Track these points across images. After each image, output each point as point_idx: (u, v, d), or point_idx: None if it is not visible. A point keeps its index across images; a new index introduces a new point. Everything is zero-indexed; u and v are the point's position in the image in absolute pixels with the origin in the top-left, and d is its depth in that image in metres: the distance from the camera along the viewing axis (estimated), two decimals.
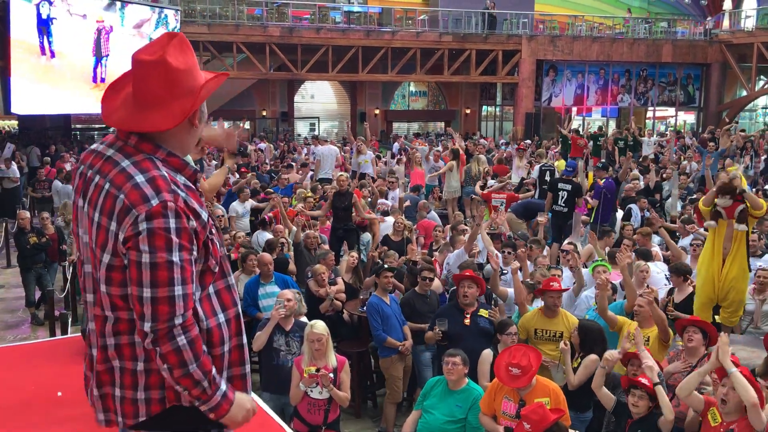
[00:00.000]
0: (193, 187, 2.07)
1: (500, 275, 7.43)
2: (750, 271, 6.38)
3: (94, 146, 2.14)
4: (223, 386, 2.06)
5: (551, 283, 5.90)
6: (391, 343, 6.33)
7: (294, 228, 8.75)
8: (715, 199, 6.02)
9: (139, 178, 1.94)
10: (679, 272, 6.65)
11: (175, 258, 1.91)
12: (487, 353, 5.55)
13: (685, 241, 8.90)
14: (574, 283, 6.91)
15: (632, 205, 11.31)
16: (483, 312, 6.06)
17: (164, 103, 2.00)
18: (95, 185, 2.01)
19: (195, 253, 1.99)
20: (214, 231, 2.11)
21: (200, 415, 2.10)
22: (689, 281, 6.63)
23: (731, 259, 6.06)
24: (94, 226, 1.99)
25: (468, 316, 5.97)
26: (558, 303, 5.86)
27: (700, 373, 4.42)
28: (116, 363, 2.04)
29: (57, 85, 16.94)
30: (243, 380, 2.21)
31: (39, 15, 16.29)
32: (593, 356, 5.16)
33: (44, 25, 16.42)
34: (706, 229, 6.76)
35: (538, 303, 6.23)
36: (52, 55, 16.71)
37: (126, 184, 1.94)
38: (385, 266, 6.76)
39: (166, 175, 1.98)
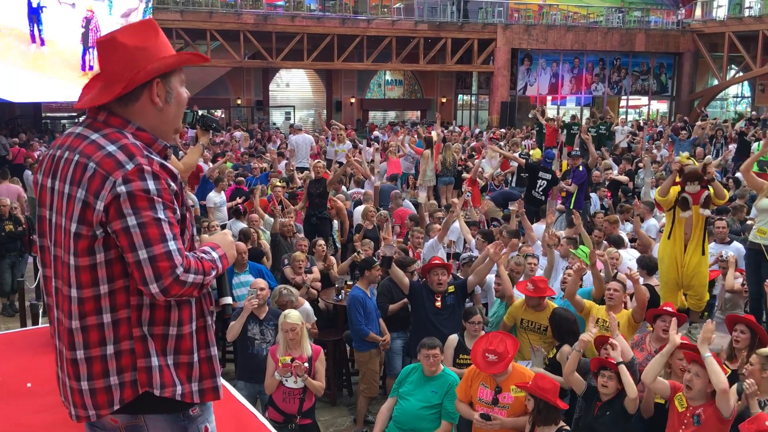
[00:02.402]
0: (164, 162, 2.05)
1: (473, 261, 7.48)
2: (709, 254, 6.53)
3: (65, 131, 2.13)
4: (215, 254, 2.11)
5: (526, 286, 5.82)
6: (373, 338, 6.30)
7: (269, 218, 8.72)
8: (685, 186, 6.12)
9: (111, 147, 1.94)
10: (644, 266, 6.76)
11: (161, 215, 1.92)
12: (453, 338, 5.61)
13: (647, 223, 9.05)
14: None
15: (592, 194, 11.46)
16: (450, 288, 6.13)
17: (119, 78, 2.01)
18: (65, 160, 2.00)
19: (178, 213, 2.00)
20: (186, 206, 2.11)
21: (173, 402, 2.08)
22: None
23: (693, 245, 6.18)
24: (64, 199, 1.97)
25: (439, 299, 6.03)
26: (535, 303, 5.79)
27: (663, 355, 4.49)
28: (81, 354, 1.99)
29: (46, 72, 16.95)
30: (215, 392, 2.19)
31: (29, 3, 16.38)
32: (567, 347, 5.20)
33: (34, 14, 16.48)
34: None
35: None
36: (42, 42, 16.72)
37: (97, 152, 1.94)
38: (375, 259, 6.77)
39: (138, 143, 1.98)
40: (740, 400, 4.36)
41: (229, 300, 2.36)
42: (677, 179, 6.32)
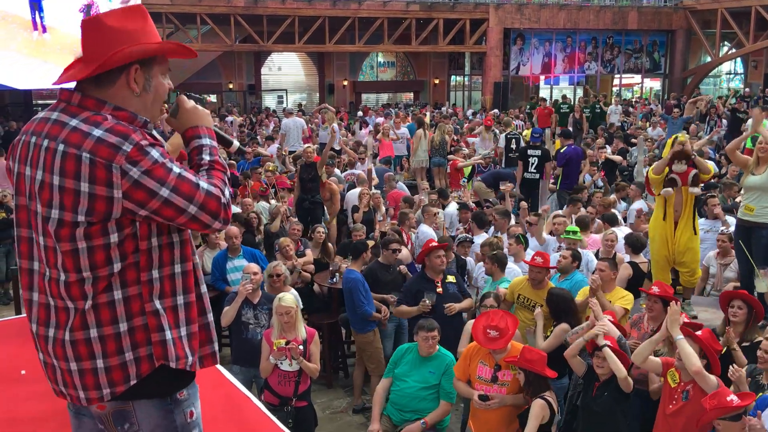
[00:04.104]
0: None
1: (469, 242, 7.52)
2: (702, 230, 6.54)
3: (36, 116, 2.08)
4: (209, 141, 2.16)
5: (535, 258, 5.90)
6: (376, 316, 6.28)
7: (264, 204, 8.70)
8: (672, 166, 6.11)
9: (97, 132, 1.90)
10: (631, 244, 6.81)
11: (178, 170, 1.95)
12: (470, 323, 5.64)
13: (635, 205, 9.11)
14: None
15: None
16: (450, 278, 6.15)
17: (96, 58, 1.96)
18: (46, 149, 1.94)
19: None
20: None
21: (176, 375, 2.09)
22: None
23: (684, 222, 6.17)
24: (54, 190, 1.91)
25: (439, 284, 6.03)
26: (540, 278, 5.79)
27: (653, 341, 4.53)
28: (94, 332, 1.97)
29: (49, 59, 16.87)
30: (214, 358, 2.21)
31: None
32: (564, 326, 5.22)
33: (35, 1, 16.34)
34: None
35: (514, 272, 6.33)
36: (44, 30, 16.62)
37: (85, 141, 1.89)
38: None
39: (121, 122, 1.95)
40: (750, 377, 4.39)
41: (237, 143, 2.43)
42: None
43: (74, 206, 1.90)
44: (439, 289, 6.02)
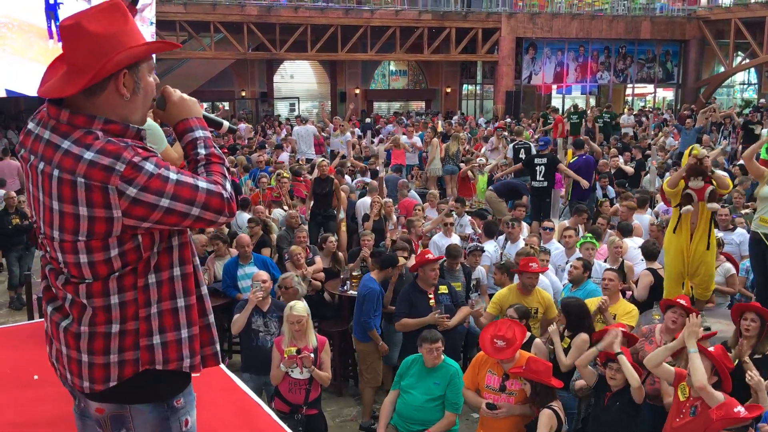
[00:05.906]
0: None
1: (480, 251, 7.49)
2: (720, 245, 6.47)
3: (30, 126, 2.05)
4: (203, 133, 2.15)
5: (530, 264, 5.93)
6: (374, 335, 6.24)
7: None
8: (688, 182, 6.04)
9: (89, 155, 1.87)
10: (645, 251, 6.79)
11: (176, 176, 1.92)
12: None
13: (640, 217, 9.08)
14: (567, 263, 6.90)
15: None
16: (442, 288, 6.09)
17: (85, 69, 1.91)
18: (42, 172, 1.93)
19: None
20: None
21: (172, 380, 2.09)
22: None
23: (699, 235, 6.10)
24: (54, 214, 1.93)
25: (432, 296, 5.99)
26: (533, 283, 5.93)
27: (668, 348, 4.48)
28: (84, 329, 1.99)
29: None
30: (215, 358, 2.21)
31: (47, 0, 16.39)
32: (584, 336, 5.18)
33: (51, 10, 16.46)
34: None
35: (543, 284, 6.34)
36: (59, 38, 16.77)
37: (78, 165, 1.87)
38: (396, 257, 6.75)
39: (112, 139, 1.91)
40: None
41: (227, 124, 2.39)
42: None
43: (75, 229, 1.91)
44: (432, 302, 5.96)
